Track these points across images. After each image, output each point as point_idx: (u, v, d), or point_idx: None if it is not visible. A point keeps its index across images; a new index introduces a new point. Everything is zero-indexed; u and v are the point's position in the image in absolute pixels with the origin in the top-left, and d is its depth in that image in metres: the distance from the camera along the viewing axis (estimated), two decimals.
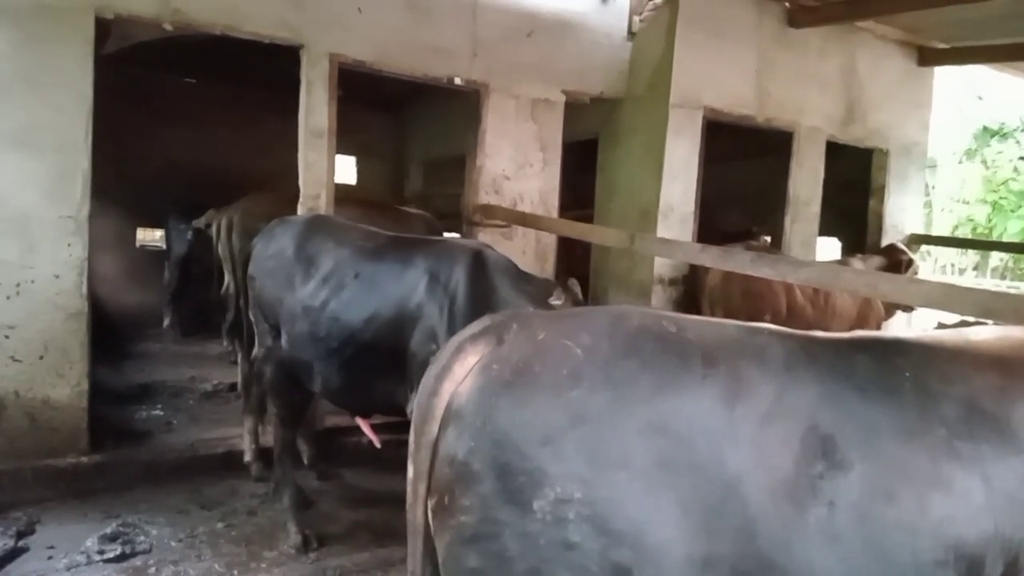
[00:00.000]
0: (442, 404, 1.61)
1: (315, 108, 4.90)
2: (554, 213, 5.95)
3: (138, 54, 5.53)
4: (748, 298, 5.51)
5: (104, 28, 4.29)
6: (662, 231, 5.87)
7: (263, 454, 4.63)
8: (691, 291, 6.02)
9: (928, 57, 7.53)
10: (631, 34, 6.18)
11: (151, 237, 9.62)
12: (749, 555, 1.46)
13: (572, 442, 1.47)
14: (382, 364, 3.44)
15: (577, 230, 4.83)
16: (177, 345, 7.89)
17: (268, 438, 4.70)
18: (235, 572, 3.52)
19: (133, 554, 3.60)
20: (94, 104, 4.16)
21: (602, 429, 1.48)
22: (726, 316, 4.71)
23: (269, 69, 5.96)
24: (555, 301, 3.53)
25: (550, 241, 6.00)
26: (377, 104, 10.26)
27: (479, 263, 3.50)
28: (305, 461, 4.80)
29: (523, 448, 1.49)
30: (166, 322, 8.43)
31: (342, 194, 5.41)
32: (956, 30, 6.93)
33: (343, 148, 5.16)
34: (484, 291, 3.41)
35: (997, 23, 6.32)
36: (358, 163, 11.33)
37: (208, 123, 9.00)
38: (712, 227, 7.16)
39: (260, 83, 8.25)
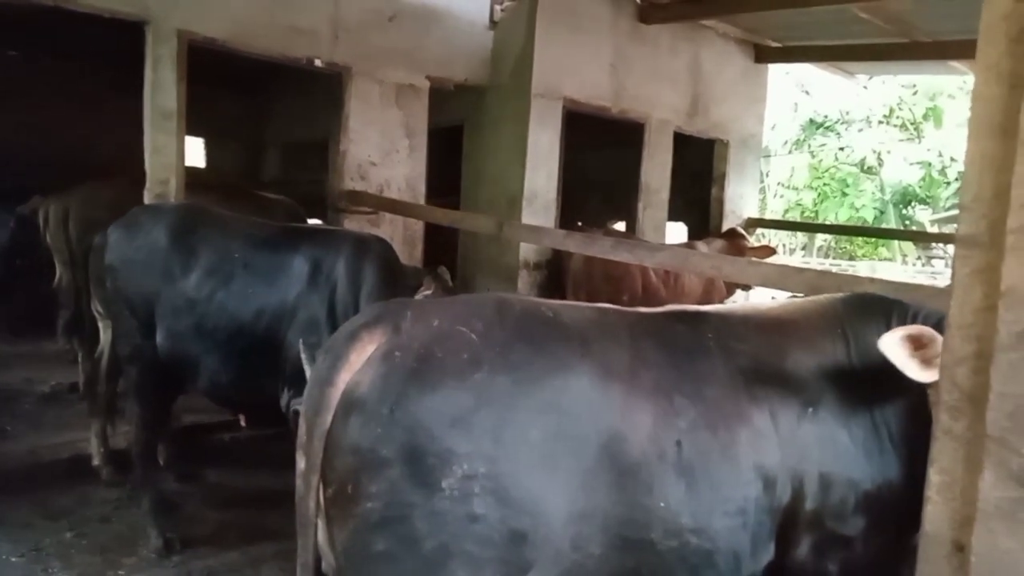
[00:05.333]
0: (337, 393, 1.63)
1: (163, 88, 4.60)
2: (421, 199, 5.96)
3: None
4: (608, 281, 5.81)
5: None
6: (527, 217, 6.03)
7: (114, 457, 4.35)
8: (555, 275, 6.24)
9: (763, 55, 8.19)
10: (493, 23, 6.27)
11: None
12: (620, 502, 1.69)
13: (479, 422, 1.58)
14: (275, 358, 3.35)
15: (446, 217, 4.88)
16: (6, 345, 7.15)
17: (118, 439, 4.43)
18: None
19: None
20: None
21: (504, 408, 1.61)
22: (588, 299, 4.95)
23: (112, 43, 5.49)
24: (425, 291, 3.60)
25: (418, 228, 6.00)
26: (229, 83, 9.72)
27: (361, 253, 3.49)
28: (162, 462, 4.55)
29: (433, 431, 1.56)
30: None
31: (194, 179, 5.13)
32: (788, 31, 7.59)
33: (190, 129, 4.89)
34: (366, 281, 3.42)
35: (822, 27, 7.00)
36: (207, 145, 10.70)
37: (41, 101, 8.15)
38: (573, 214, 7.43)
39: (102, 58, 7.55)
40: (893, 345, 1.72)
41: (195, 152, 10.30)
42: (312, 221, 6.69)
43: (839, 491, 1.90)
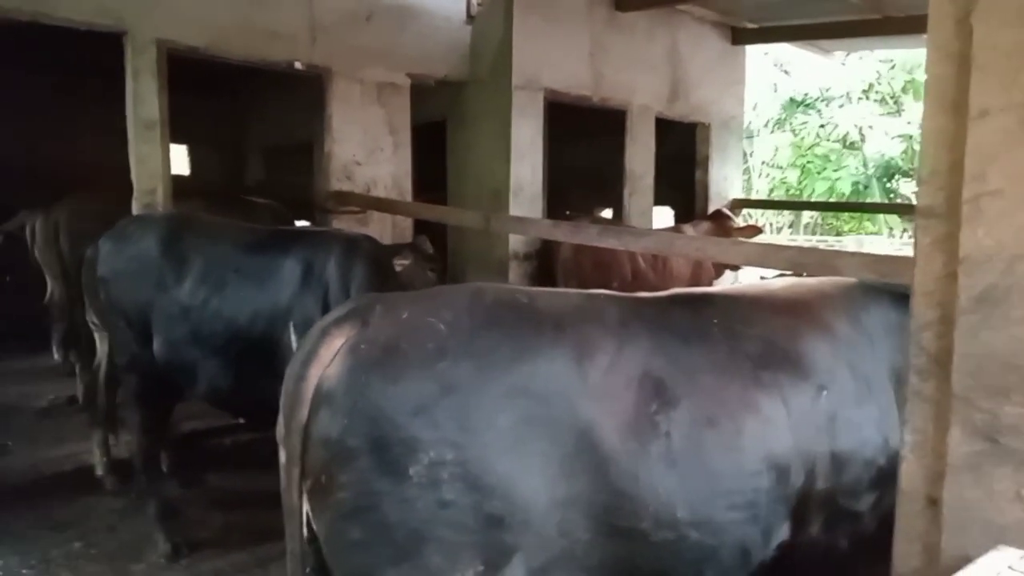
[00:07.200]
0: (310, 388, 1.67)
1: (144, 98, 4.61)
2: (408, 197, 5.99)
3: None
4: (597, 268, 5.86)
5: None
6: (514, 210, 6.07)
7: (117, 466, 4.40)
8: (545, 265, 6.29)
9: (740, 36, 8.23)
10: (470, 17, 6.29)
11: None
12: (603, 489, 1.67)
13: (443, 409, 1.60)
14: (272, 359, 3.40)
15: (433, 213, 4.92)
16: None
17: (121, 449, 4.47)
18: None
19: None
20: None
21: (469, 395, 1.62)
22: (579, 287, 5.01)
23: (91, 53, 5.47)
24: (403, 260, 3.68)
25: (407, 225, 6.03)
26: (207, 89, 9.68)
27: (351, 252, 3.56)
28: (164, 469, 4.59)
29: (397, 420, 1.59)
30: None
31: (178, 186, 5.15)
32: (763, 12, 7.64)
33: (172, 136, 4.90)
34: (357, 279, 3.49)
35: (796, 6, 7.05)
36: (190, 152, 10.69)
37: (20, 115, 8.09)
38: (559, 204, 7.48)
39: (81, 69, 7.49)
40: None
41: (179, 159, 10.28)
42: (299, 223, 6.72)
43: (854, 470, 1.89)
